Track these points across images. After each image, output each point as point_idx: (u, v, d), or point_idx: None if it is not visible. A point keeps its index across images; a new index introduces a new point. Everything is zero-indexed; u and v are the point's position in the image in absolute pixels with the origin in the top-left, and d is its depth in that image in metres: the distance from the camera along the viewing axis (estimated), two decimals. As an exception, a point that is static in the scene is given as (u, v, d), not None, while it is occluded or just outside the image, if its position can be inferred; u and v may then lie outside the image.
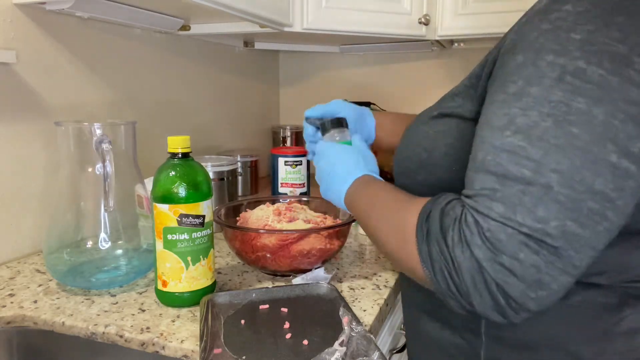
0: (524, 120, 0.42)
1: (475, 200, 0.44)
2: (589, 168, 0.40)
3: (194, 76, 1.42)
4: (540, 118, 0.41)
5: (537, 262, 0.41)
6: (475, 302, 0.44)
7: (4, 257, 0.90)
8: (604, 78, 0.40)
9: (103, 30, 1.08)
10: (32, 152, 0.93)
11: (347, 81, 1.86)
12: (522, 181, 0.41)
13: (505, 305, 0.43)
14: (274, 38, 1.57)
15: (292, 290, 0.72)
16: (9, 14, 0.87)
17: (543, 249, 0.41)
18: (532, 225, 0.41)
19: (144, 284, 0.80)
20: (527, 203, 0.41)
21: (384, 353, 0.71)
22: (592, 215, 0.40)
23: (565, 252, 0.41)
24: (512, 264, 0.41)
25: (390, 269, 0.88)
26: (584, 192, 0.40)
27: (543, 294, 0.42)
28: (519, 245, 0.41)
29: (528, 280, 0.41)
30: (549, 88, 0.41)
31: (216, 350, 0.56)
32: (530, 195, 0.41)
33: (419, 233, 0.48)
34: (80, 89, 1.03)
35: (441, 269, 0.45)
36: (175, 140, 0.69)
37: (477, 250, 0.42)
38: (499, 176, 0.43)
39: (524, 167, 0.41)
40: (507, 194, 0.42)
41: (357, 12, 1.28)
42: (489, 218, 0.42)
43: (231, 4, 0.96)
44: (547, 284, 0.41)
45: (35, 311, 0.70)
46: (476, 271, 0.43)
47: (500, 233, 0.41)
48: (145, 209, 0.84)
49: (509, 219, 0.41)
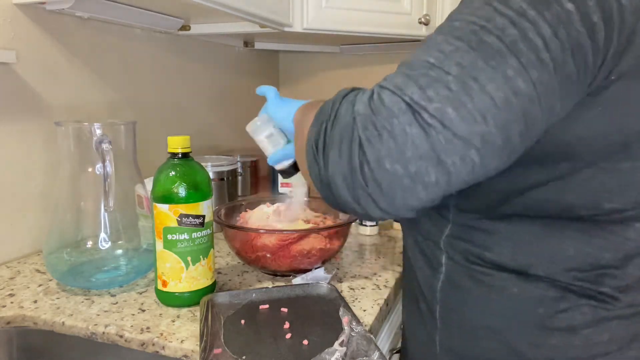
0: (448, 25, 0.46)
1: (385, 78, 0.46)
2: (487, 72, 0.41)
3: (194, 76, 1.42)
4: (463, 24, 0.44)
5: (405, 130, 0.41)
6: (332, 158, 0.45)
7: (4, 257, 0.90)
8: (524, 9, 0.42)
9: (103, 30, 1.08)
10: (32, 152, 0.93)
11: (347, 81, 1.85)
12: (426, 65, 0.43)
13: (358, 169, 0.43)
14: (274, 38, 1.57)
15: (292, 290, 0.72)
16: (9, 14, 0.87)
17: (416, 121, 0.41)
18: (416, 100, 0.42)
19: (144, 284, 0.80)
20: (421, 82, 0.42)
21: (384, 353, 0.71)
22: (473, 112, 0.41)
23: (436, 135, 0.41)
24: (384, 126, 0.42)
25: (390, 269, 0.88)
26: (475, 90, 0.41)
27: (398, 169, 0.42)
28: (397, 110, 0.42)
29: (390, 145, 0.42)
30: (477, 8, 0.44)
31: (216, 350, 0.56)
32: (427, 77, 0.43)
33: None
34: (80, 89, 1.03)
35: (322, 122, 0.48)
36: (175, 140, 0.69)
37: (358, 105, 0.45)
38: (410, 63, 0.45)
39: (432, 56, 0.44)
40: (410, 73, 0.44)
41: (357, 12, 1.28)
42: (383, 88, 0.44)
43: (231, 4, 0.96)
44: (407, 159, 0.42)
45: (35, 311, 0.70)
46: (348, 124, 0.44)
47: (386, 98, 0.43)
48: (145, 209, 0.84)
49: (400, 90, 0.43)
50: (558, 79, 0.42)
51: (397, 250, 0.98)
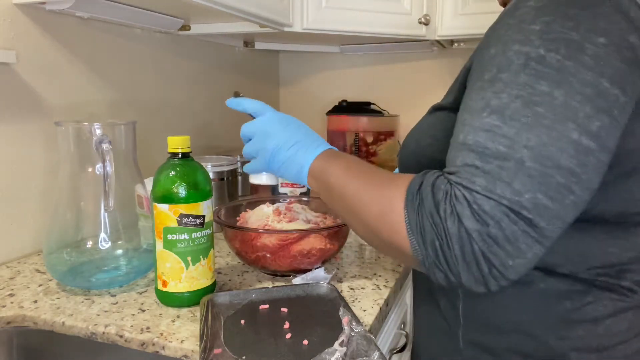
0: (497, 102, 0.47)
1: (459, 175, 0.47)
2: (555, 144, 0.44)
3: (194, 76, 1.42)
4: (509, 99, 0.46)
5: (515, 232, 0.44)
6: (462, 271, 0.47)
7: (4, 257, 0.90)
8: (561, 63, 0.45)
9: (103, 30, 1.08)
10: (32, 152, 0.93)
11: (347, 81, 1.86)
12: (499, 157, 0.45)
13: (488, 274, 0.46)
14: (274, 38, 1.57)
15: (292, 290, 0.72)
16: (9, 14, 0.87)
17: (520, 220, 0.44)
18: (510, 198, 0.44)
19: (144, 284, 0.80)
20: (504, 177, 0.44)
21: (384, 353, 0.71)
22: (559, 188, 0.44)
23: (538, 224, 0.44)
24: (496, 234, 0.44)
25: (391, 269, 0.88)
26: (552, 167, 0.44)
27: (520, 262, 0.45)
28: (501, 215, 0.44)
29: (508, 249, 0.45)
30: (515, 73, 0.46)
31: (216, 350, 0.56)
32: (507, 170, 0.45)
33: (409, 203, 0.50)
34: (80, 89, 1.03)
35: (432, 240, 0.47)
36: (175, 140, 0.69)
37: (466, 222, 0.45)
38: (478, 153, 0.46)
39: (500, 144, 0.45)
40: (487, 169, 0.45)
41: (357, 12, 1.28)
42: (473, 191, 0.45)
43: (231, 4, 0.96)
44: (523, 253, 0.45)
45: (35, 311, 0.70)
46: (465, 241, 0.45)
47: (484, 205, 0.45)
48: (145, 209, 0.84)
49: (491, 192, 0.45)
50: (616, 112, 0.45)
51: (397, 250, 0.98)
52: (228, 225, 0.82)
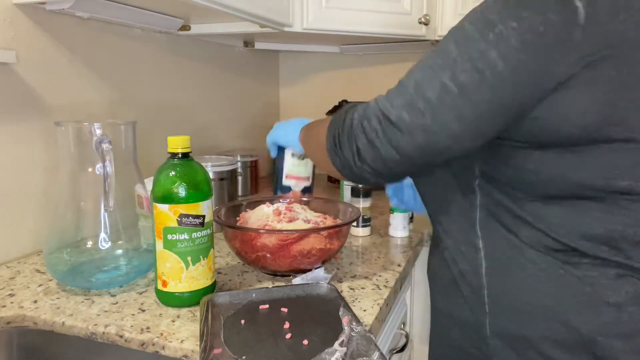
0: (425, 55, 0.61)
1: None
2: (429, 81, 0.58)
3: (194, 76, 1.42)
4: (428, 55, 0.60)
5: (377, 127, 0.60)
6: (343, 146, 0.64)
7: (4, 257, 0.90)
8: (471, 33, 0.56)
9: (103, 30, 1.08)
10: (32, 152, 0.93)
11: (347, 81, 1.85)
12: (400, 83, 0.61)
13: (356, 152, 0.63)
14: (274, 38, 1.57)
15: (292, 290, 0.72)
16: (9, 14, 0.87)
17: (383, 121, 0.60)
18: (385, 107, 0.60)
19: (144, 284, 0.80)
20: (392, 95, 0.61)
21: (384, 353, 0.71)
22: (417, 111, 0.58)
23: (395, 128, 0.59)
24: (366, 126, 0.62)
25: (390, 269, 0.88)
26: (419, 95, 0.58)
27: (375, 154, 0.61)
28: (375, 113, 0.61)
29: (368, 137, 0.61)
30: (446, 37, 0.59)
31: (216, 350, 0.56)
32: (397, 91, 0.61)
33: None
34: (80, 89, 1.03)
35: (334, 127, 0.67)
36: (175, 140, 0.69)
37: (354, 114, 0.65)
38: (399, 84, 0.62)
39: (405, 76, 0.61)
40: (390, 89, 0.62)
41: (357, 12, 1.28)
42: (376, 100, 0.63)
43: (231, 4, 0.96)
44: (377, 147, 0.60)
45: (35, 311, 0.70)
46: (349, 126, 0.64)
47: (371, 107, 0.63)
48: (145, 209, 0.84)
49: (380, 102, 0.62)
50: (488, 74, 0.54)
51: (397, 250, 0.98)
52: (228, 225, 0.82)
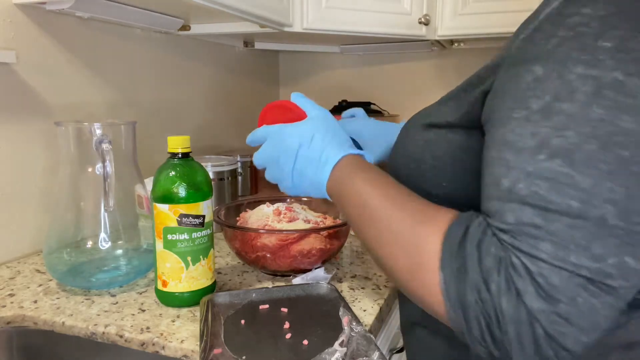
0: (561, 141, 0.36)
1: (515, 237, 0.38)
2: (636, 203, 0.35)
3: (194, 76, 1.42)
4: (580, 139, 0.36)
5: (595, 305, 0.36)
6: (515, 355, 0.38)
7: (4, 257, 0.90)
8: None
9: (103, 30, 1.08)
10: (32, 152, 0.93)
11: (347, 81, 1.86)
12: (571, 214, 0.36)
13: (553, 356, 0.37)
14: (274, 38, 1.57)
15: (292, 290, 0.72)
16: (9, 14, 0.87)
17: (602, 292, 0.36)
18: (589, 266, 0.35)
19: (144, 284, 0.80)
20: (579, 240, 0.35)
21: (384, 353, 0.71)
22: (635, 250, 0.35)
23: (622, 290, 0.36)
24: (569, 312, 0.36)
25: (390, 269, 0.88)
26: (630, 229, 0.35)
27: (594, 337, 0.37)
28: (576, 289, 0.36)
29: (583, 326, 0.36)
30: (585, 105, 0.36)
31: (216, 350, 0.56)
32: (583, 231, 0.35)
33: (446, 265, 0.41)
34: (80, 89, 1.03)
35: (477, 317, 0.39)
36: (175, 140, 0.69)
37: (529, 300, 0.36)
38: (539, 208, 0.37)
39: (572, 197, 0.36)
40: (555, 230, 0.36)
41: (357, 12, 1.28)
42: (537, 260, 0.36)
43: (231, 4, 0.96)
44: (600, 325, 0.37)
45: (35, 311, 0.70)
46: (525, 324, 0.37)
47: (553, 277, 0.36)
48: (145, 209, 0.84)
49: (563, 260, 0.36)
50: None
51: (397, 250, 0.98)
52: (228, 225, 0.82)
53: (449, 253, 0.41)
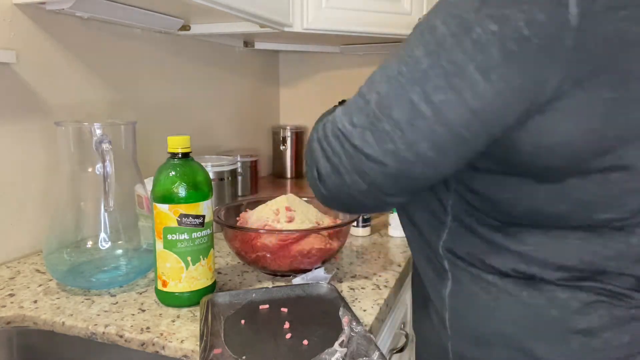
0: (386, 60, 0.52)
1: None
2: (396, 99, 0.48)
3: (194, 76, 1.42)
4: (392, 58, 0.51)
5: (340, 151, 0.52)
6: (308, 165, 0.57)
7: (4, 257, 0.90)
8: (444, 38, 0.46)
9: (103, 30, 1.08)
10: (32, 152, 0.93)
11: (347, 81, 1.85)
12: (359, 94, 0.53)
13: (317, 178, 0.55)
14: (274, 38, 1.57)
15: (292, 290, 0.72)
16: (9, 14, 0.87)
17: (346, 143, 0.51)
18: (343, 125, 0.52)
19: (144, 284, 0.80)
20: (352, 109, 0.52)
21: (384, 353, 0.71)
22: (383, 134, 0.49)
23: (359, 153, 0.50)
24: (326, 148, 0.53)
25: (390, 269, 0.88)
26: (385, 115, 0.49)
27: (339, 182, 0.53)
28: (333, 135, 0.53)
29: (331, 162, 0.53)
30: (412, 38, 0.50)
31: (216, 350, 0.56)
32: (355, 105, 0.52)
33: None
34: (80, 89, 1.03)
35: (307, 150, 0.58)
36: (175, 140, 0.69)
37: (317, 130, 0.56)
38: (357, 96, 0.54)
39: (365, 86, 0.52)
40: (347, 103, 0.54)
41: (357, 12, 1.28)
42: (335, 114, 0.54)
43: (231, 4, 0.96)
44: (342, 174, 0.52)
45: (35, 311, 0.70)
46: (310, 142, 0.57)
47: (329, 126, 0.54)
48: (145, 209, 0.84)
49: (338, 118, 0.53)
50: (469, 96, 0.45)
51: (397, 251, 0.98)
52: (228, 225, 0.82)
53: None
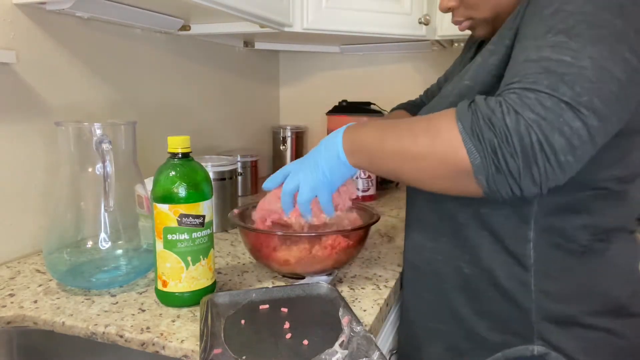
0: (563, 25, 0.52)
1: (521, 82, 0.52)
2: (612, 59, 0.50)
3: (194, 76, 1.42)
4: (576, 22, 0.52)
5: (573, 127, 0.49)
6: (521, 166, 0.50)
7: (4, 257, 0.90)
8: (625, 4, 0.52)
9: (103, 30, 1.08)
10: (32, 152, 0.93)
11: (347, 81, 1.85)
12: (564, 64, 0.51)
13: (543, 169, 0.50)
14: (274, 38, 1.57)
15: (292, 290, 0.72)
16: (9, 14, 0.87)
17: (577, 118, 0.49)
18: (571, 96, 0.49)
19: (144, 284, 0.80)
20: (568, 81, 0.50)
21: (384, 353, 0.71)
22: (611, 95, 0.50)
23: (591, 122, 0.50)
24: (554, 123, 0.49)
25: (390, 269, 0.88)
26: (608, 77, 0.50)
27: (570, 160, 0.50)
28: (561, 110, 0.49)
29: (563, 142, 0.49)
30: (582, 4, 0.52)
31: (216, 350, 0.56)
32: (570, 75, 0.50)
33: (461, 117, 0.53)
34: (80, 89, 1.03)
35: (490, 139, 0.51)
36: (175, 140, 0.69)
37: (526, 113, 0.50)
38: (542, 63, 0.52)
39: (565, 54, 0.51)
40: (552, 71, 0.51)
41: (357, 12, 1.28)
42: (537, 91, 0.51)
43: (231, 4, 0.96)
44: (575, 149, 0.50)
45: (35, 311, 0.70)
46: (524, 132, 0.49)
47: (546, 101, 0.50)
48: (145, 209, 0.84)
49: (554, 90, 0.50)
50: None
51: (397, 251, 0.98)
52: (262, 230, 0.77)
53: (461, 111, 0.54)
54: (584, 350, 0.64)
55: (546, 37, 0.53)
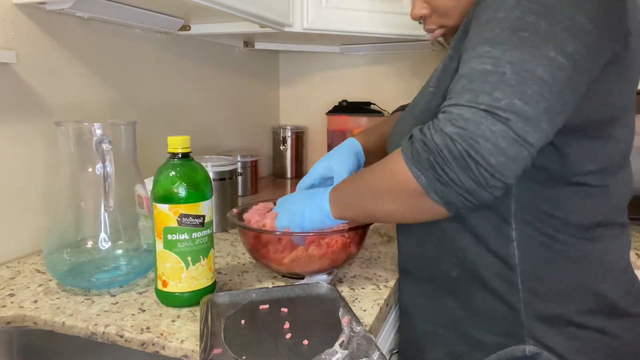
0: (490, 34, 0.55)
1: (450, 97, 0.56)
2: (533, 60, 0.52)
3: (194, 76, 1.42)
4: (501, 30, 0.54)
5: (494, 131, 0.51)
6: (459, 174, 0.53)
7: (4, 257, 0.90)
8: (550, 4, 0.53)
9: (103, 30, 1.08)
10: (32, 152, 0.93)
11: (347, 81, 1.85)
12: (485, 73, 0.53)
13: (478, 173, 0.52)
14: (274, 38, 1.57)
15: (292, 290, 0.72)
16: (9, 14, 0.87)
17: (498, 121, 0.51)
18: (489, 103, 0.52)
19: (144, 284, 0.80)
20: (487, 89, 0.52)
21: (384, 353, 0.71)
22: (534, 95, 0.51)
23: (515, 124, 0.51)
24: (475, 133, 0.52)
25: (390, 269, 0.88)
26: (529, 78, 0.51)
27: (502, 161, 0.52)
28: (479, 118, 0.52)
29: (488, 147, 0.51)
30: (509, 10, 0.54)
31: (216, 350, 0.56)
32: (490, 83, 0.52)
33: (403, 149, 0.59)
34: (80, 89, 1.03)
35: (427, 159, 0.55)
36: (175, 140, 0.69)
37: (447, 129, 0.53)
38: (468, 76, 0.54)
39: (487, 63, 0.53)
40: (473, 86, 0.53)
41: (357, 12, 1.28)
42: (459, 105, 0.54)
43: (231, 4, 0.96)
44: (503, 150, 0.51)
45: (35, 311, 0.70)
46: (450, 144, 0.53)
47: (466, 113, 0.53)
48: (145, 209, 0.84)
49: (473, 102, 0.52)
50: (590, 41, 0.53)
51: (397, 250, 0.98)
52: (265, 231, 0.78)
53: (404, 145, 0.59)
54: (576, 350, 0.64)
55: (475, 48, 0.55)
